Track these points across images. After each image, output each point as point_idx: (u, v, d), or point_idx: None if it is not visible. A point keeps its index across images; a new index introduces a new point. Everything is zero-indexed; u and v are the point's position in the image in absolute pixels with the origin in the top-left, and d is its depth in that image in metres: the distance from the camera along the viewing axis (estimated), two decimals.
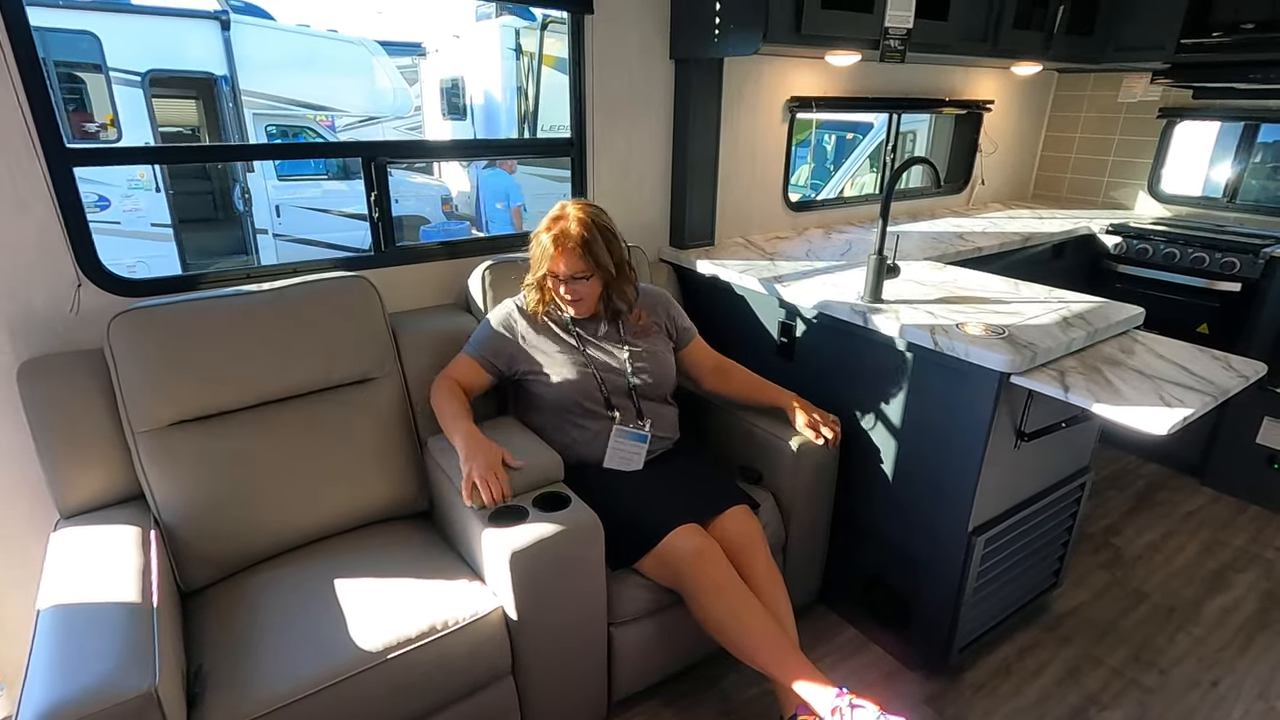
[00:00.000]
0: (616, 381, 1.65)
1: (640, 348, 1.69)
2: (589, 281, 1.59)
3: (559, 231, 1.54)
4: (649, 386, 1.69)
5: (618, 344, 1.68)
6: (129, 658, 1.03)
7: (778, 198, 2.62)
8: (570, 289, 1.58)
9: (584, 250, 1.54)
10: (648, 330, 1.73)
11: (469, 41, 7.34)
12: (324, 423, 1.58)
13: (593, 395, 1.63)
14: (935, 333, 1.54)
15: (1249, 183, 3.00)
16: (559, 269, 1.56)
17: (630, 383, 1.66)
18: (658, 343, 1.74)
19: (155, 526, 1.39)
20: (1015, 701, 1.71)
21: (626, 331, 1.70)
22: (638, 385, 1.67)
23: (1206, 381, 1.42)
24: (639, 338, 1.71)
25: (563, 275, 1.56)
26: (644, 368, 1.68)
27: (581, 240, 1.53)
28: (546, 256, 1.56)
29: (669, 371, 1.74)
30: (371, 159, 1.81)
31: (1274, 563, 2.24)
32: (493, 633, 1.36)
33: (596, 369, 1.64)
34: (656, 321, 1.76)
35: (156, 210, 5.45)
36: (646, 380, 1.68)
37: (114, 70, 5.10)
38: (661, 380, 1.71)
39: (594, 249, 1.55)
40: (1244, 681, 1.78)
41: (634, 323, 1.71)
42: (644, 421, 1.66)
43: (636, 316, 1.72)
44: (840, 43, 2.01)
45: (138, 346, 1.41)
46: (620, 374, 1.66)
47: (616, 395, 1.65)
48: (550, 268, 1.56)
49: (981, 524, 1.61)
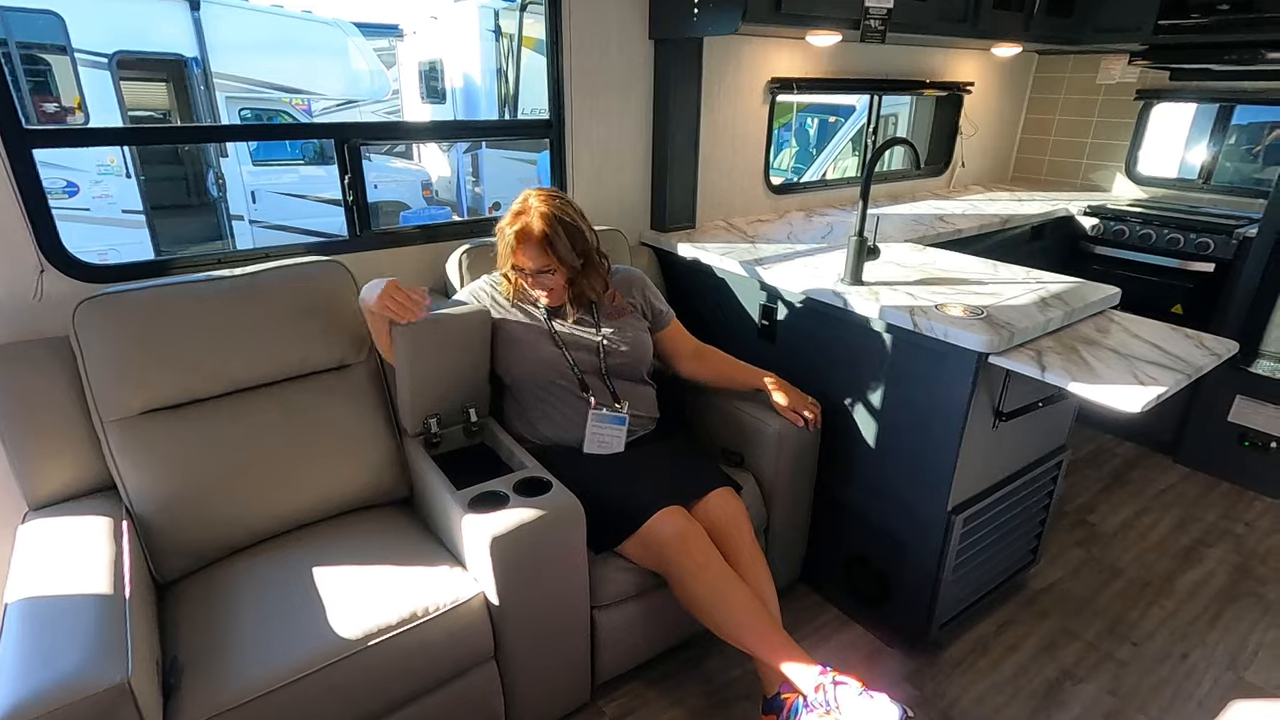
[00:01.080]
0: (588, 360, 1.65)
1: (613, 328, 1.69)
2: (554, 275, 1.60)
3: (521, 227, 1.55)
4: (623, 366, 1.69)
5: (590, 327, 1.68)
6: (101, 650, 1.01)
7: (759, 180, 2.61)
8: (536, 282, 1.60)
9: (546, 246, 1.54)
10: (622, 310, 1.73)
11: (447, 23, 7.20)
12: (300, 410, 1.56)
13: (564, 374, 1.64)
14: (915, 314, 1.54)
15: (1223, 164, 3.04)
16: (523, 264, 1.57)
17: (604, 363, 1.66)
18: (632, 322, 1.74)
19: (127, 517, 1.37)
20: (993, 676, 1.74)
21: (600, 314, 1.70)
22: (612, 365, 1.67)
23: (1180, 360, 1.43)
24: (613, 318, 1.71)
25: (528, 270, 1.58)
26: (617, 347, 1.68)
27: (543, 236, 1.54)
28: (510, 251, 1.57)
29: (645, 350, 1.74)
30: (344, 141, 1.78)
31: (1244, 537, 2.30)
32: (474, 618, 1.35)
33: (567, 348, 1.64)
34: (632, 302, 1.76)
35: (127, 196, 5.32)
36: (621, 360, 1.68)
37: (79, 52, 4.95)
38: (637, 359, 1.71)
39: (556, 245, 1.55)
40: (1214, 653, 1.83)
41: (608, 303, 1.71)
42: (621, 404, 1.65)
43: (611, 297, 1.72)
44: (821, 22, 2.00)
45: (105, 333, 1.37)
46: (592, 352, 1.66)
47: (589, 375, 1.65)
48: (514, 262, 1.58)
49: (960, 503, 1.63)
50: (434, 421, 1.66)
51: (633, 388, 1.71)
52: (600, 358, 1.66)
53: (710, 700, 1.67)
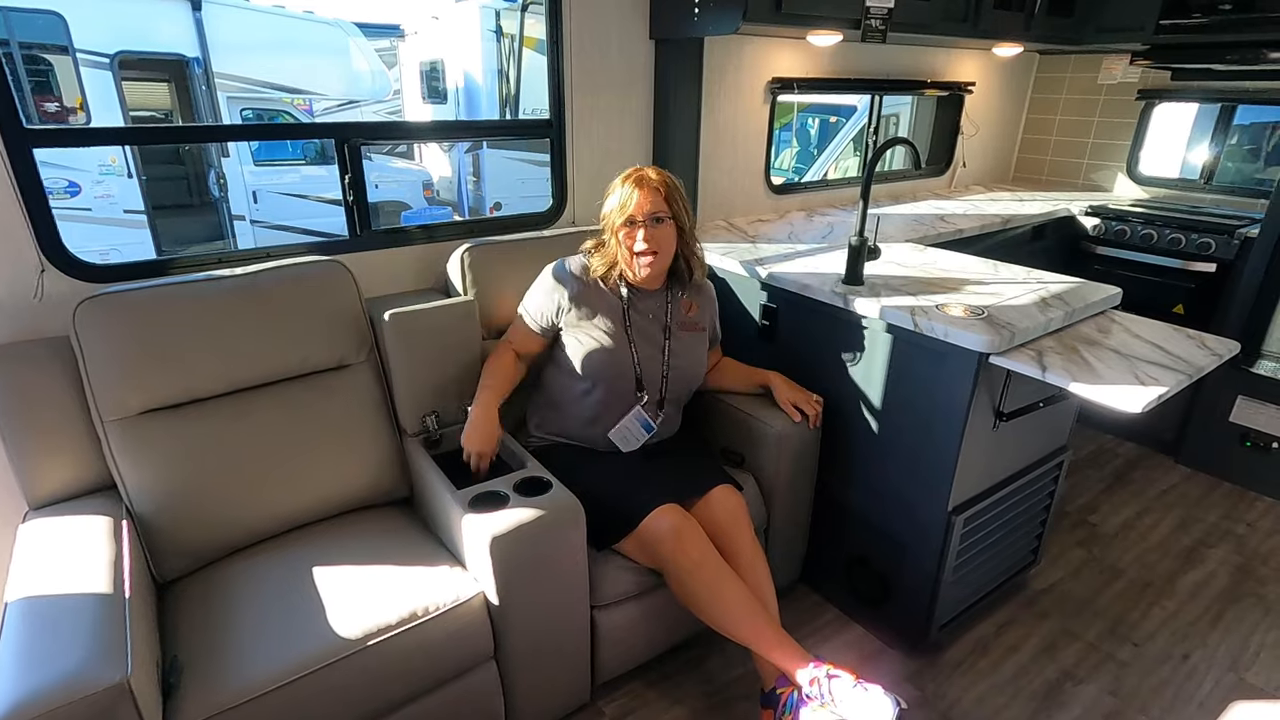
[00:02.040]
0: (651, 368, 1.65)
1: (683, 341, 1.68)
2: (666, 225, 1.56)
3: (639, 176, 1.56)
4: (678, 383, 1.69)
5: (663, 330, 1.66)
6: (100, 649, 1.01)
7: (760, 180, 2.61)
8: (649, 234, 1.54)
9: (665, 191, 1.55)
10: (695, 324, 1.71)
11: (448, 23, 7.20)
12: (300, 409, 1.56)
13: (625, 374, 1.63)
14: (915, 314, 1.54)
15: (1225, 164, 3.03)
16: (640, 210, 1.53)
17: (666, 377, 1.66)
18: (699, 338, 1.73)
19: (127, 517, 1.37)
20: (993, 677, 1.74)
21: (674, 319, 1.67)
22: (671, 376, 1.67)
23: (1181, 360, 1.43)
24: (685, 330, 1.69)
25: (643, 217, 1.53)
26: (679, 365, 1.67)
27: (664, 182, 1.56)
28: (627, 200, 1.54)
29: (699, 374, 1.74)
30: (344, 141, 1.78)
31: (1245, 538, 2.29)
32: (474, 618, 1.35)
33: (637, 348, 1.63)
34: (702, 318, 1.74)
35: (129, 196, 5.32)
36: (679, 380, 1.68)
37: (81, 52, 4.96)
38: (691, 378, 1.72)
39: (673, 194, 1.57)
40: (1215, 654, 1.82)
41: (684, 313, 1.69)
42: (660, 413, 1.66)
43: (687, 306, 1.70)
44: (821, 22, 2.00)
45: (105, 333, 1.37)
46: (657, 361, 1.65)
47: (648, 379, 1.65)
48: (632, 211, 1.53)
49: (961, 503, 1.63)
50: (433, 419, 1.66)
51: (672, 417, 1.72)
52: (665, 370, 1.65)
53: (711, 700, 1.67)
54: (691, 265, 1.66)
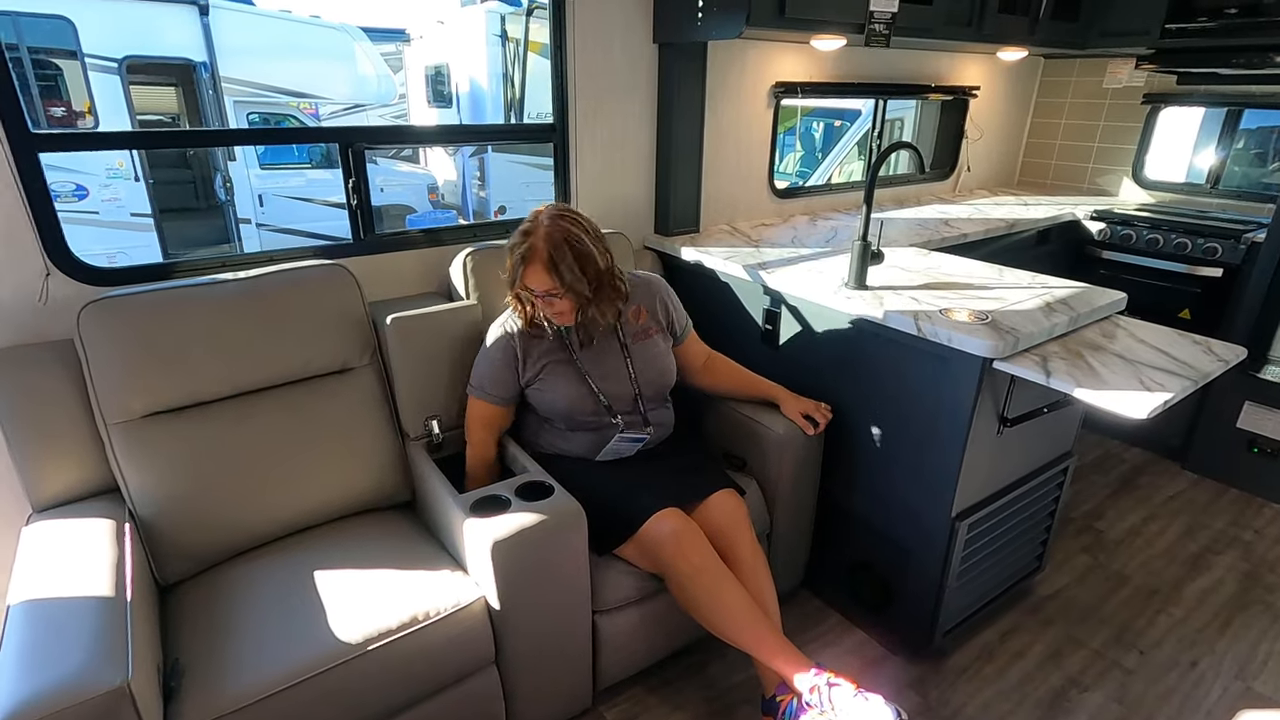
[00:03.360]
0: (619, 392, 1.61)
1: (643, 354, 1.64)
2: (561, 300, 1.50)
3: (527, 248, 1.46)
4: (653, 391, 1.66)
5: (618, 352, 1.62)
6: (101, 653, 1.01)
7: (763, 184, 2.61)
8: (545, 304, 1.51)
9: (551, 269, 1.45)
10: (648, 331, 1.66)
11: (454, 27, 7.23)
12: (303, 413, 1.56)
13: (591, 409, 1.60)
14: (919, 319, 1.53)
15: (1231, 169, 3.02)
16: (529, 285, 1.49)
17: (638, 392, 1.62)
18: (658, 343, 1.68)
19: (130, 520, 1.37)
20: (998, 684, 1.73)
21: (626, 334, 1.63)
22: (646, 395, 1.64)
23: (1187, 366, 1.42)
24: (639, 341, 1.64)
25: (536, 292, 1.50)
26: (647, 376, 1.63)
27: (549, 259, 1.44)
28: (516, 274, 1.49)
29: (671, 374, 1.70)
30: (349, 145, 1.78)
31: (1253, 545, 2.27)
32: (475, 622, 1.35)
33: (594, 381, 1.59)
34: (655, 320, 1.69)
35: (136, 200, 5.36)
36: (651, 389, 1.65)
37: (89, 56, 4.99)
38: (664, 384, 1.69)
39: (561, 269, 1.44)
40: (1222, 661, 1.81)
41: (634, 323, 1.64)
42: (649, 427, 1.65)
43: (635, 314, 1.65)
44: (825, 26, 1.99)
45: (109, 336, 1.38)
46: (623, 383, 1.62)
47: (620, 404, 1.62)
48: (524, 282, 1.49)
49: (965, 509, 1.62)
50: (435, 423, 1.66)
51: (656, 410, 1.70)
52: (635, 387, 1.62)
53: (712, 706, 1.66)
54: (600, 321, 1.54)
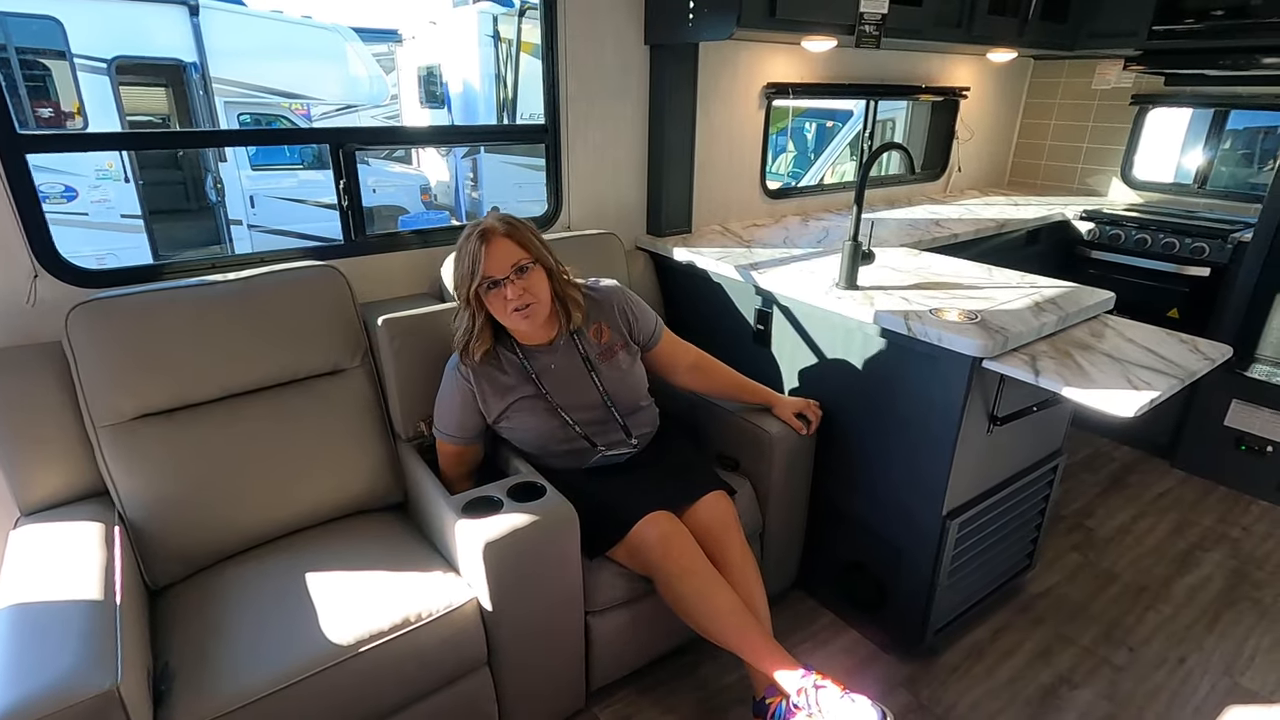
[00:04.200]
0: (594, 417, 1.57)
1: (610, 374, 1.57)
2: (534, 272, 1.41)
3: (480, 230, 1.38)
4: (629, 406, 1.62)
5: (585, 375, 1.55)
6: (90, 656, 1.01)
7: (755, 185, 2.62)
8: (515, 289, 1.38)
9: (513, 237, 1.39)
10: (613, 349, 1.59)
11: (446, 28, 7.21)
12: (294, 415, 1.56)
13: (564, 438, 1.56)
14: (909, 318, 1.54)
15: (1219, 169, 3.04)
16: (497, 268, 1.37)
17: (614, 412, 1.58)
18: (623, 358, 1.61)
19: (120, 523, 1.37)
20: (988, 682, 1.74)
21: (590, 354, 1.56)
22: (620, 411, 1.59)
23: (1173, 364, 1.43)
24: (605, 360, 1.57)
25: (504, 274, 1.38)
26: (620, 395, 1.59)
27: (507, 229, 1.39)
28: (478, 262, 1.37)
29: (641, 386, 1.66)
30: (339, 146, 1.78)
31: (1240, 542, 2.29)
32: (467, 624, 1.34)
33: (564, 410, 1.53)
34: (618, 334, 1.61)
35: (126, 201, 5.32)
36: (626, 405, 1.61)
37: (78, 57, 4.96)
38: (636, 396, 1.64)
39: (523, 235, 1.41)
40: (1210, 658, 1.82)
41: (596, 342, 1.57)
42: (634, 439, 1.62)
43: (597, 333, 1.57)
44: (815, 28, 2.00)
45: (98, 338, 1.37)
46: (597, 407, 1.57)
47: (597, 428, 1.58)
48: (485, 271, 1.37)
49: (955, 508, 1.63)
50: (427, 425, 1.66)
51: (636, 415, 1.65)
52: (610, 408, 1.57)
53: (704, 706, 1.66)
54: (568, 307, 1.50)
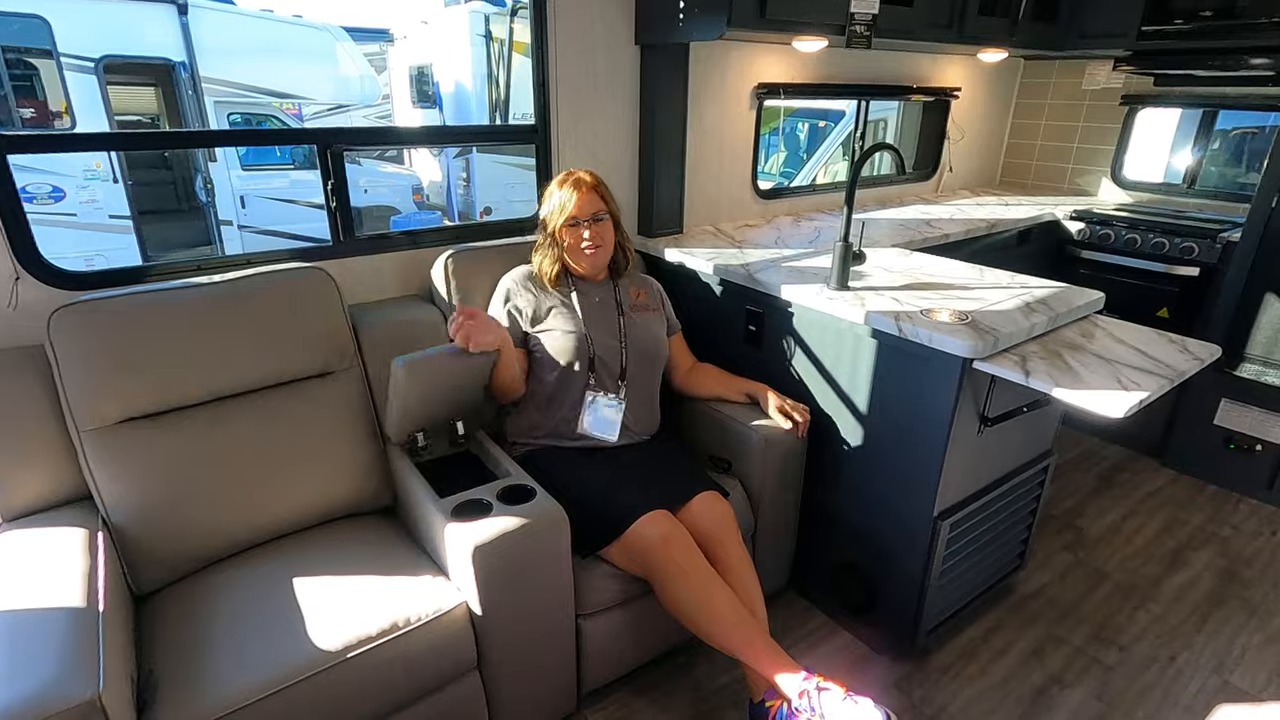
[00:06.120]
0: (608, 349, 1.69)
1: (636, 324, 1.75)
2: (605, 222, 1.69)
3: (574, 179, 1.68)
4: (641, 361, 1.73)
5: (614, 317, 1.73)
6: (72, 664, 0.99)
7: (747, 185, 2.61)
8: (593, 231, 1.67)
9: (599, 190, 1.69)
10: (647, 306, 1.81)
11: (438, 28, 7.19)
12: (282, 418, 1.54)
13: (581, 357, 1.67)
14: (900, 319, 1.54)
15: (1208, 169, 3.06)
16: (581, 211, 1.66)
17: (625, 354, 1.71)
18: (655, 319, 1.82)
19: (103, 528, 1.35)
20: (981, 683, 1.74)
21: (624, 303, 1.76)
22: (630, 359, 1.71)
23: (1163, 365, 1.44)
24: (638, 311, 1.78)
25: (584, 218, 1.66)
26: (638, 342, 1.74)
27: (595, 182, 1.70)
28: (567, 203, 1.66)
29: (661, 347, 1.80)
30: (327, 146, 1.76)
31: (1230, 540, 2.30)
32: (457, 628, 1.33)
33: (591, 334, 1.68)
34: (653, 302, 1.84)
35: (115, 202, 5.27)
36: (639, 353, 1.73)
37: (66, 56, 4.91)
38: (654, 356, 1.77)
39: (605, 192, 1.71)
40: (1200, 657, 1.83)
41: (633, 298, 1.79)
42: (623, 386, 1.69)
43: (635, 293, 1.80)
44: (806, 28, 2.00)
45: (81, 341, 1.36)
46: (615, 340, 1.71)
47: (604, 360, 1.68)
48: (573, 212, 1.66)
49: (946, 509, 1.62)
50: (420, 434, 1.65)
51: (643, 394, 1.74)
52: (624, 349, 1.71)
53: (699, 708, 1.66)
54: (627, 253, 1.79)
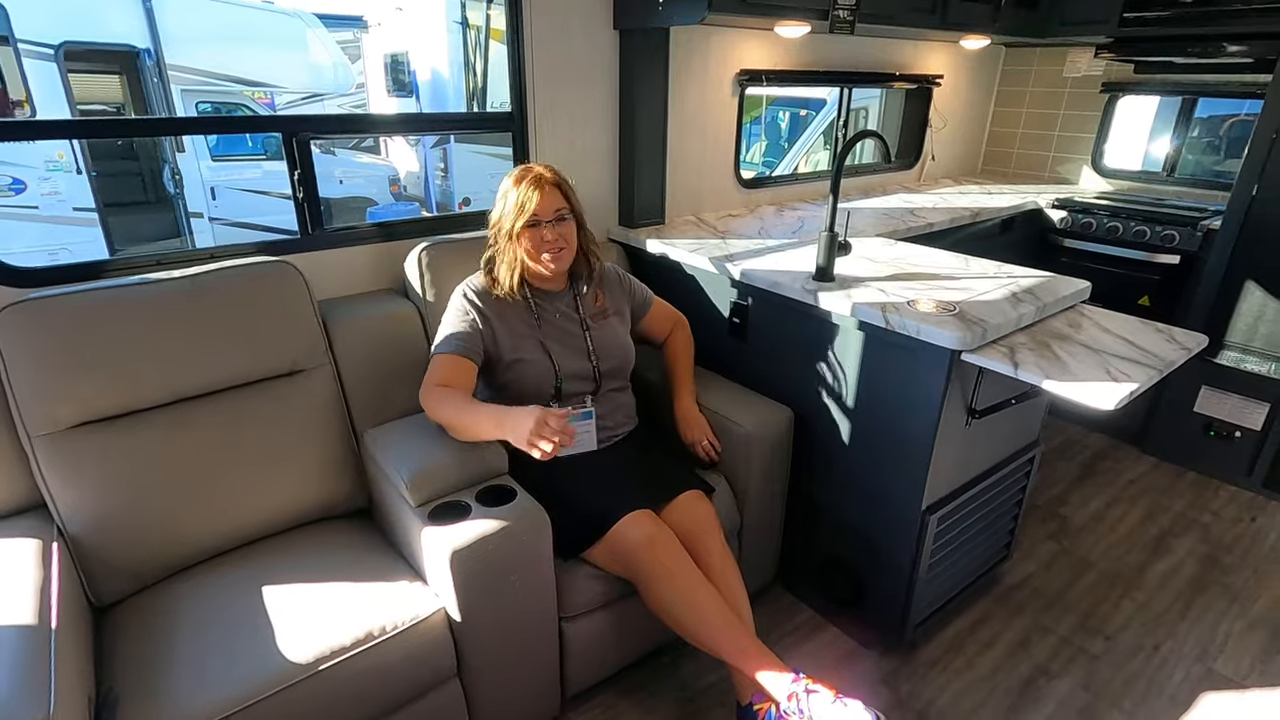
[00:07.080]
0: (578, 369, 1.60)
1: (600, 334, 1.65)
2: (569, 222, 1.55)
3: (533, 176, 1.53)
4: (611, 370, 1.65)
5: (578, 331, 1.62)
6: (19, 686, 0.94)
7: (729, 174, 2.57)
8: (554, 232, 1.53)
9: (563, 187, 1.55)
10: (605, 313, 1.69)
11: (412, 15, 7.04)
12: (249, 419, 1.48)
13: (544, 379, 1.57)
14: (886, 310, 1.51)
15: (1187, 157, 3.07)
16: (543, 211, 1.51)
17: (596, 369, 1.62)
18: (616, 325, 1.70)
19: (59, 538, 1.28)
20: (968, 675, 1.73)
21: (585, 312, 1.64)
22: (602, 371, 1.63)
23: (1151, 354, 1.42)
24: (597, 320, 1.66)
25: (546, 218, 1.51)
26: (607, 355, 1.64)
27: (558, 178, 1.55)
28: (527, 202, 1.50)
29: (628, 353, 1.71)
30: (293, 134, 1.69)
31: (1210, 526, 2.32)
32: (435, 635, 1.29)
33: (553, 353, 1.57)
34: (614, 303, 1.72)
35: (79, 193, 5.10)
36: (609, 366, 1.64)
37: (23, 42, 4.73)
38: (622, 362, 1.68)
39: (567, 190, 1.57)
40: (1184, 644, 1.83)
41: (593, 305, 1.67)
42: (586, 398, 1.61)
43: (594, 298, 1.68)
44: (789, 12, 1.95)
45: (30, 342, 1.28)
46: (581, 359, 1.61)
47: (571, 378, 1.59)
48: (535, 211, 1.50)
49: (934, 502, 1.60)
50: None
51: (615, 395, 1.67)
52: (594, 364, 1.62)
53: (685, 708, 1.63)
54: (590, 259, 1.65)
